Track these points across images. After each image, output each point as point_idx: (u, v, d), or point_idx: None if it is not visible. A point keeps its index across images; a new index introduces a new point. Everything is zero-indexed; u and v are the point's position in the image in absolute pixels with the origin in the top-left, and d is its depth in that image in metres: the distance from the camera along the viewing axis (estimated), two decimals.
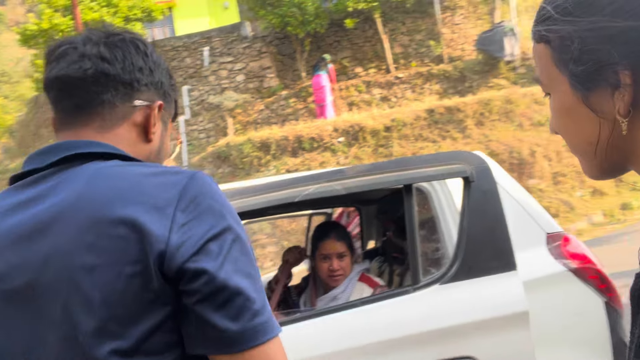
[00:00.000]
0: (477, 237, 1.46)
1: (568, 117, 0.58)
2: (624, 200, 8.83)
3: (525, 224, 1.74)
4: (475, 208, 1.48)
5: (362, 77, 11.72)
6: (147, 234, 0.64)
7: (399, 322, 1.42)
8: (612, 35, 0.51)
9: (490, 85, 10.84)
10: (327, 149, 9.13)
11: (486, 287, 1.43)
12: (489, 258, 1.46)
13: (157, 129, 0.82)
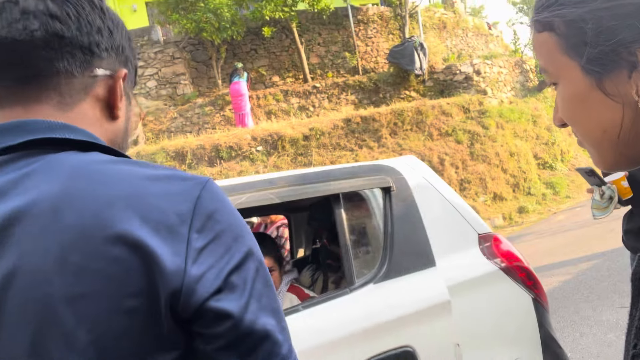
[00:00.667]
0: (401, 240, 1.60)
1: (580, 105, 0.55)
2: (521, 205, 9.63)
3: (459, 225, 1.78)
4: (396, 214, 1.62)
5: (280, 86, 11.72)
6: (157, 262, 0.50)
7: (340, 322, 1.47)
8: (629, 12, 0.48)
9: (402, 97, 11.34)
10: (245, 158, 8.95)
11: (413, 282, 1.56)
12: (413, 257, 1.60)
13: (122, 103, 0.68)
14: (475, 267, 1.73)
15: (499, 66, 11.82)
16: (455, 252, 1.74)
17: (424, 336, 1.48)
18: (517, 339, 1.71)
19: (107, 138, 0.66)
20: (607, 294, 4.31)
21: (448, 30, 14.01)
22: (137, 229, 0.50)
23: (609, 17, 0.49)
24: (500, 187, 9.80)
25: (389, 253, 1.58)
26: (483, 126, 10.23)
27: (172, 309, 0.51)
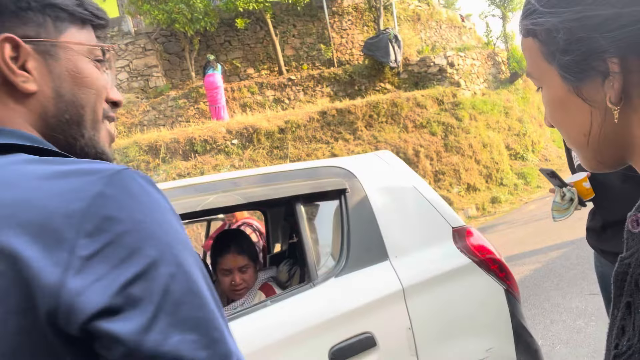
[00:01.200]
0: (356, 237, 1.70)
1: (561, 109, 0.57)
2: (493, 195, 9.83)
3: (434, 220, 1.81)
4: (351, 214, 1.73)
5: (255, 78, 11.62)
6: (33, 275, 0.43)
7: (307, 314, 1.55)
8: (598, 23, 0.50)
9: (377, 89, 11.39)
10: (220, 152, 8.86)
11: (369, 275, 1.66)
12: (368, 252, 1.70)
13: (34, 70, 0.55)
14: (449, 260, 1.76)
15: (472, 58, 11.98)
16: (430, 246, 1.77)
17: (381, 322, 1.59)
18: (490, 330, 1.76)
19: (30, 122, 0.56)
20: (576, 281, 4.45)
21: (422, 22, 14.11)
22: (12, 238, 0.44)
23: (579, 28, 0.51)
24: (474, 178, 9.98)
25: (347, 249, 1.68)
26: (457, 118, 10.37)
27: (56, 327, 0.44)
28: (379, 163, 1.91)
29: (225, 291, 2.01)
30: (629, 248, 0.55)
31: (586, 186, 1.71)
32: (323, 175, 1.76)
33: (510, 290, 1.80)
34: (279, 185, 1.68)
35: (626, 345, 0.48)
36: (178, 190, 1.60)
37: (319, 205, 1.90)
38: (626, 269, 0.53)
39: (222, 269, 2.00)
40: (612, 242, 1.65)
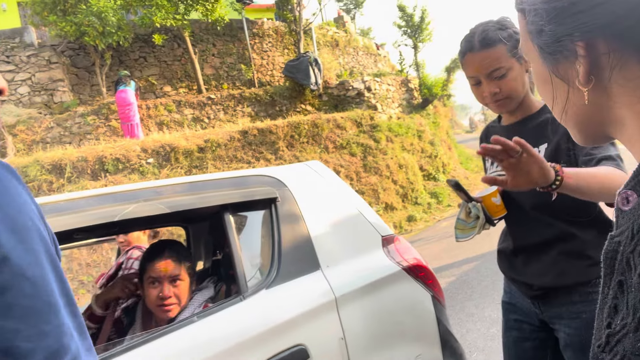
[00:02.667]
0: (288, 246, 1.66)
1: (544, 85, 0.59)
2: (409, 213, 10.24)
3: (364, 229, 1.82)
4: (282, 223, 1.69)
5: (172, 96, 11.25)
6: None
7: (236, 329, 1.46)
8: (563, 7, 0.52)
9: (298, 110, 11.51)
10: (134, 171, 8.40)
11: (301, 285, 1.62)
12: (299, 262, 1.66)
13: None
14: (379, 268, 1.77)
15: (387, 84, 12.55)
16: (361, 255, 1.77)
17: (314, 333, 1.55)
18: (419, 336, 1.78)
19: None
20: (488, 291, 4.72)
21: (340, 48, 14.59)
22: None
23: (546, 11, 0.53)
24: (391, 197, 10.34)
25: (278, 260, 1.63)
26: (374, 140, 10.75)
27: None
28: (310, 173, 1.89)
29: (152, 307, 1.73)
30: (619, 226, 0.53)
31: (496, 202, 1.47)
32: (253, 184, 1.71)
33: (437, 297, 1.84)
34: (206, 193, 1.60)
35: (620, 325, 0.47)
36: (94, 199, 1.46)
37: (248, 216, 1.83)
38: (616, 247, 0.51)
39: (149, 278, 1.71)
40: (523, 270, 1.49)
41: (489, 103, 1.45)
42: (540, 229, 1.43)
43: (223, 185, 1.66)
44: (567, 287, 1.39)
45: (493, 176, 1.21)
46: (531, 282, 1.47)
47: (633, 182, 0.53)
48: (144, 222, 1.76)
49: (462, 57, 1.45)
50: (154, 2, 9.89)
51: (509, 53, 1.37)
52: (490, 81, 1.40)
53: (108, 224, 1.42)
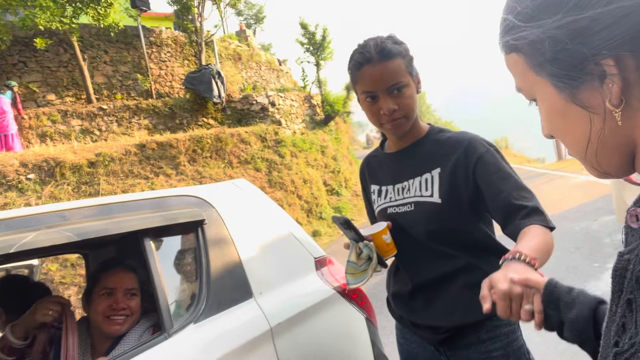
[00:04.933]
0: (218, 273, 1.52)
1: (559, 119, 0.55)
2: (314, 228, 10.31)
3: (297, 251, 1.72)
4: (211, 248, 1.54)
5: (57, 105, 10.23)
6: None
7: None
8: (582, 27, 0.48)
9: (200, 124, 11.10)
10: (12, 188, 7.43)
11: (234, 316, 1.49)
12: (231, 290, 1.53)
13: None
14: (314, 292, 1.68)
15: (291, 99, 12.63)
16: (294, 279, 1.67)
17: None
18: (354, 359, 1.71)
19: None
20: None
21: (243, 62, 14.41)
22: None
23: (564, 35, 0.49)
24: (297, 212, 10.33)
25: (206, 289, 1.48)
26: (279, 155, 10.70)
27: None
28: (236, 192, 1.76)
29: (100, 320, 1.57)
30: (628, 244, 0.53)
31: (386, 240, 1.32)
32: (175, 206, 1.53)
33: (370, 319, 1.80)
34: (122, 217, 1.39)
35: (628, 343, 0.46)
36: None
37: (170, 241, 1.64)
38: (626, 264, 0.51)
39: (102, 289, 1.60)
40: (426, 312, 1.34)
41: (384, 122, 1.30)
42: (440, 262, 1.30)
43: (141, 207, 1.47)
44: (475, 324, 1.26)
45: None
46: (437, 325, 1.31)
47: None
48: (45, 251, 1.48)
49: (356, 69, 1.28)
50: (38, 3, 8.96)
51: (406, 69, 1.27)
52: (388, 97, 1.26)
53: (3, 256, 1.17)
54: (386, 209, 1.41)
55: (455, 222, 1.28)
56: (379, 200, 1.44)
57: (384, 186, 1.43)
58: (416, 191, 1.33)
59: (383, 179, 1.44)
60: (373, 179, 1.49)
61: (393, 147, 1.43)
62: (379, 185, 1.45)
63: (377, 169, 1.48)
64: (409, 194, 1.35)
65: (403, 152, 1.39)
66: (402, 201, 1.36)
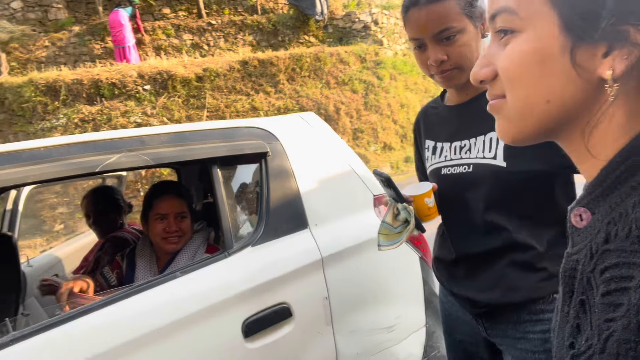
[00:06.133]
0: (276, 204, 1.62)
1: (537, 65, 0.48)
2: (407, 154, 10.19)
3: (356, 187, 1.78)
4: (272, 179, 1.63)
5: (171, 19, 10.77)
6: None
7: (219, 286, 1.45)
8: None
9: (301, 42, 11.10)
10: (131, 97, 8.22)
11: (288, 244, 1.60)
12: (288, 220, 1.62)
13: None
14: (369, 228, 1.75)
15: (395, 17, 12.01)
16: (351, 214, 1.74)
17: (298, 292, 1.54)
18: (402, 297, 1.79)
19: None
20: None
21: None
22: None
23: None
24: (390, 137, 10.24)
25: (265, 216, 1.59)
26: (378, 77, 10.46)
27: None
28: (303, 125, 1.82)
29: (156, 240, 1.83)
30: (575, 244, 0.52)
31: (429, 203, 1.22)
32: (243, 137, 1.64)
33: (424, 258, 1.84)
34: (193, 145, 1.53)
35: (585, 345, 0.46)
36: (75, 147, 1.40)
37: (237, 169, 1.78)
38: (574, 265, 0.51)
39: (156, 214, 1.83)
40: (467, 283, 1.23)
41: (434, 74, 1.17)
42: (491, 235, 1.16)
43: (212, 137, 1.59)
44: (517, 304, 1.14)
45: None
46: (476, 298, 1.21)
47: (586, 199, 0.51)
48: (127, 170, 1.70)
49: (404, 12, 1.16)
50: None
51: (462, 11, 1.10)
52: (436, 45, 1.12)
53: (89, 174, 1.37)
54: (440, 170, 1.25)
55: (519, 190, 1.10)
56: (432, 159, 1.28)
57: (439, 143, 1.27)
58: (478, 152, 1.15)
59: (439, 135, 1.28)
60: (429, 133, 1.33)
61: (453, 100, 1.27)
62: (434, 142, 1.29)
63: (435, 122, 1.32)
64: (469, 154, 1.17)
65: (464, 105, 1.22)
66: (458, 161, 1.20)
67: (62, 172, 1.34)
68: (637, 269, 0.42)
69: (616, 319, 0.43)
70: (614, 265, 0.45)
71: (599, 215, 0.49)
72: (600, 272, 0.47)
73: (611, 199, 0.48)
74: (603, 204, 0.49)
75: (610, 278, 0.45)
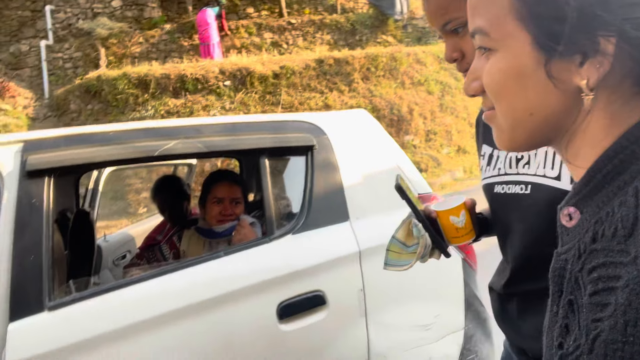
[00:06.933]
0: (319, 196, 1.68)
1: (515, 81, 0.50)
2: None
3: None
4: (317, 172, 1.69)
5: (254, 18, 11.21)
6: None
7: (259, 268, 1.55)
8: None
9: (378, 41, 11.08)
10: (212, 92, 8.69)
11: (327, 234, 1.65)
12: (329, 212, 1.68)
13: None
14: None
15: None
16: (392, 210, 1.75)
17: (333, 282, 1.59)
18: (441, 297, 1.78)
19: None
20: None
21: None
22: None
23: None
24: (465, 140, 9.93)
25: (308, 207, 1.66)
26: (455, 78, 10.18)
27: None
28: (353, 122, 1.86)
29: (212, 222, 2.02)
30: (564, 243, 0.52)
31: (456, 223, 1.00)
32: (291, 130, 1.72)
33: (468, 260, 1.81)
34: (243, 136, 1.64)
35: (573, 345, 0.47)
36: (138, 132, 1.55)
37: (285, 160, 1.86)
38: (563, 264, 0.51)
39: (213, 198, 2.01)
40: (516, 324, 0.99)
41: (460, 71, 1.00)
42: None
43: (262, 129, 1.69)
44: None
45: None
46: (523, 346, 0.99)
47: (575, 199, 0.51)
48: (183, 156, 1.84)
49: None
50: None
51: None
52: (448, 39, 0.97)
53: (148, 157, 1.52)
54: (492, 186, 1.02)
55: None
56: (486, 171, 1.06)
57: (496, 150, 1.04)
58: (538, 167, 0.93)
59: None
60: (486, 137, 1.09)
61: None
62: (492, 148, 1.06)
63: None
64: (527, 169, 0.96)
65: None
66: (514, 177, 0.98)
67: (126, 154, 1.49)
68: (623, 269, 0.42)
69: (603, 319, 0.43)
70: (601, 264, 0.45)
71: (587, 214, 0.49)
72: (588, 271, 0.47)
73: (598, 198, 0.49)
74: (591, 203, 0.49)
75: (597, 278, 0.45)
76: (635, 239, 0.42)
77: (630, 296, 0.40)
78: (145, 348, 1.35)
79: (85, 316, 1.34)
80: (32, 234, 1.31)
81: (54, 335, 1.28)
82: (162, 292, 1.44)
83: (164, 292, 1.44)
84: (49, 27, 9.88)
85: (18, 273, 1.27)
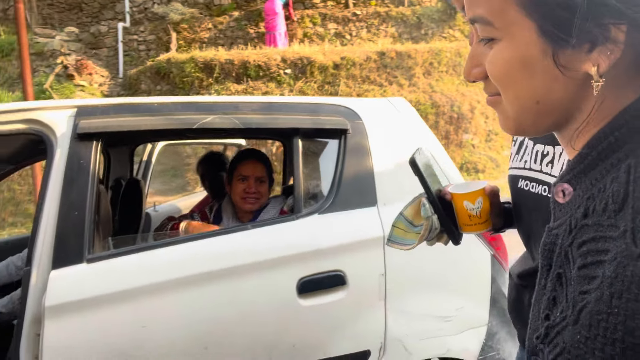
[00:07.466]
0: (350, 178, 1.70)
1: (521, 69, 0.49)
2: None
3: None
4: (348, 156, 1.71)
5: (320, 8, 11.27)
6: None
7: (283, 244, 1.61)
8: None
9: (444, 36, 10.80)
10: (272, 79, 8.86)
11: (353, 217, 1.67)
12: (357, 195, 1.70)
13: None
14: None
15: None
16: None
17: (355, 264, 1.62)
18: (465, 290, 1.75)
19: None
20: None
21: None
22: None
23: None
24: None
25: (337, 189, 1.68)
26: None
27: None
28: (389, 109, 1.86)
29: (237, 199, 2.06)
30: (556, 218, 0.53)
31: (470, 209, 0.94)
32: (326, 112, 1.75)
33: (497, 256, 1.77)
34: (278, 115, 1.69)
35: (560, 317, 0.48)
36: (180, 105, 1.64)
37: (318, 142, 1.90)
38: (554, 239, 0.52)
39: (239, 175, 2.05)
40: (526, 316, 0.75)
41: None
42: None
43: (297, 110, 1.73)
44: None
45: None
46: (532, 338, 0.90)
47: (569, 175, 0.52)
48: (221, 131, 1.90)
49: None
50: None
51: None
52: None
53: (188, 130, 1.61)
54: (517, 179, 0.98)
55: None
56: (514, 160, 1.01)
57: (527, 139, 1.00)
58: (562, 169, 0.86)
59: None
60: None
61: None
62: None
63: None
64: (550, 168, 0.90)
65: None
66: (537, 175, 0.93)
67: (168, 124, 1.59)
68: (612, 243, 0.43)
69: (590, 291, 0.44)
70: (591, 239, 0.46)
71: (580, 191, 0.50)
72: (578, 246, 0.47)
73: (592, 175, 0.49)
74: (584, 180, 0.50)
75: (586, 252, 0.46)
76: (624, 214, 0.42)
77: (617, 269, 0.41)
78: (170, 305, 1.44)
79: (119, 271, 1.45)
80: (78, 191, 1.43)
81: (90, 285, 1.40)
82: (191, 256, 1.53)
83: (193, 256, 1.53)
84: (127, 10, 10.46)
85: (63, 226, 1.40)
